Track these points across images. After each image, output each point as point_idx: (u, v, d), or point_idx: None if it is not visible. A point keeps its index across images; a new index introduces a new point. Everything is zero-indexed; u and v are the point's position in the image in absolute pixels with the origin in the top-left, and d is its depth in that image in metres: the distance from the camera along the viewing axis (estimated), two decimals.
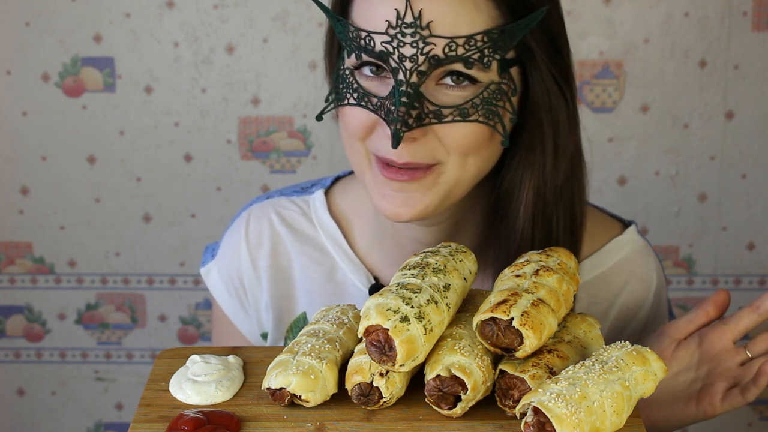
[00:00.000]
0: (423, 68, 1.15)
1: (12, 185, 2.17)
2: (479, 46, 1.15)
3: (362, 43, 1.18)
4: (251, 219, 1.44)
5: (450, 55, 1.15)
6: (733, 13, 2.06)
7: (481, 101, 1.17)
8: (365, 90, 1.20)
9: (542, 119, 1.23)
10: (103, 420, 2.29)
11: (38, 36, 2.08)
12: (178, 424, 1.04)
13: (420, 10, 1.15)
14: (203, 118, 2.13)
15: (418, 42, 1.15)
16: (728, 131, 2.12)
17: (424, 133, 1.19)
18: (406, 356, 1.05)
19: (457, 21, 1.15)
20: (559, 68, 1.23)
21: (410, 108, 1.15)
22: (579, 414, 0.99)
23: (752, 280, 2.20)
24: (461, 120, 1.17)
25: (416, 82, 1.16)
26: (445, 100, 1.17)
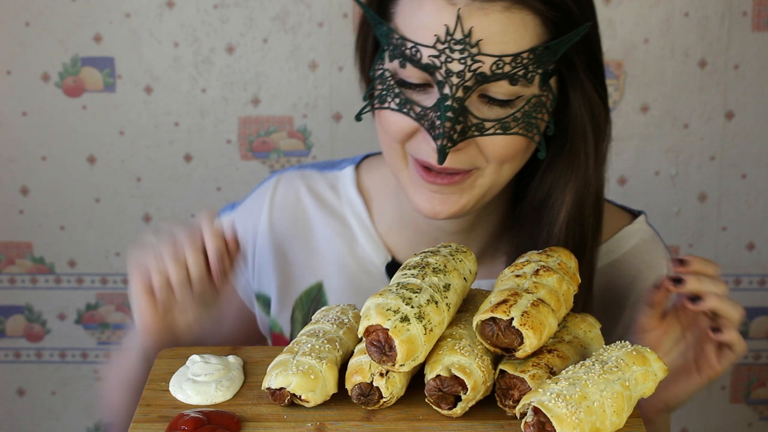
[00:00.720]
0: (469, 84, 1.17)
1: (12, 185, 2.17)
2: (524, 63, 1.17)
3: (408, 52, 1.19)
4: (280, 185, 1.46)
5: (497, 73, 1.17)
6: (733, 13, 2.06)
7: (523, 114, 1.20)
8: (407, 97, 1.21)
9: (585, 127, 1.26)
10: (103, 420, 2.29)
11: (38, 36, 2.08)
12: (178, 424, 1.04)
13: (470, 27, 1.16)
14: (203, 118, 2.13)
15: (466, 59, 1.16)
16: (728, 131, 2.12)
17: (465, 144, 1.20)
18: (406, 356, 1.05)
19: (505, 40, 1.16)
20: (597, 77, 1.26)
21: (455, 123, 1.17)
22: (579, 414, 0.99)
23: (752, 280, 2.20)
24: (502, 133, 1.19)
25: (461, 97, 1.17)
26: (487, 113, 1.19)
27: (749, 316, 2.22)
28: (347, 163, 1.47)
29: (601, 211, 1.32)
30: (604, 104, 1.28)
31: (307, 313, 1.43)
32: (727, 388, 2.26)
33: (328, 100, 2.09)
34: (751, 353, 2.24)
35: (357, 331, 1.17)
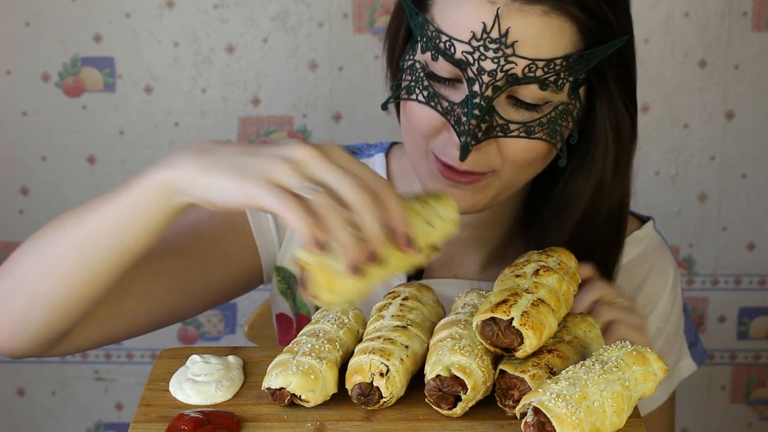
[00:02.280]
0: (499, 83, 1.17)
1: (12, 185, 2.17)
2: (557, 69, 1.17)
3: (441, 46, 1.18)
4: None
5: (528, 76, 1.17)
6: (733, 13, 2.06)
7: (548, 120, 1.20)
8: (435, 90, 1.21)
9: (608, 138, 1.26)
10: (103, 420, 2.29)
11: (38, 36, 2.08)
12: (178, 424, 1.04)
13: (508, 28, 1.15)
14: (203, 118, 2.13)
15: (499, 59, 1.16)
16: (728, 131, 2.12)
17: (487, 144, 1.20)
18: None
19: (540, 44, 1.16)
20: (628, 90, 1.26)
21: (481, 121, 1.17)
22: (579, 414, 0.99)
23: (752, 280, 2.20)
24: (526, 137, 1.19)
25: (490, 96, 1.17)
26: (513, 115, 1.19)
27: (749, 315, 2.22)
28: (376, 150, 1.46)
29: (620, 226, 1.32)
30: (632, 119, 1.28)
31: None
32: (727, 388, 2.26)
33: (328, 100, 2.09)
34: (751, 353, 2.24)
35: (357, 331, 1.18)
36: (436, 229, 1.08)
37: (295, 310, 1.44)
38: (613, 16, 1.20)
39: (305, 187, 0.97)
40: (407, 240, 0.99)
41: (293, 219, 0.96)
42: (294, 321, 1.45)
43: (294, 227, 0.96)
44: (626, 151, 1.29)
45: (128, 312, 1.25)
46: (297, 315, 1.44)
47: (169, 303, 1.29)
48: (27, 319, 1.11)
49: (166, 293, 1.28)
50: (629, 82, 1.27)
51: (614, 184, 1.29)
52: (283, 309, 1.46)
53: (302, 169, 0.98)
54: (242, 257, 1.38)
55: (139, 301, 1.25)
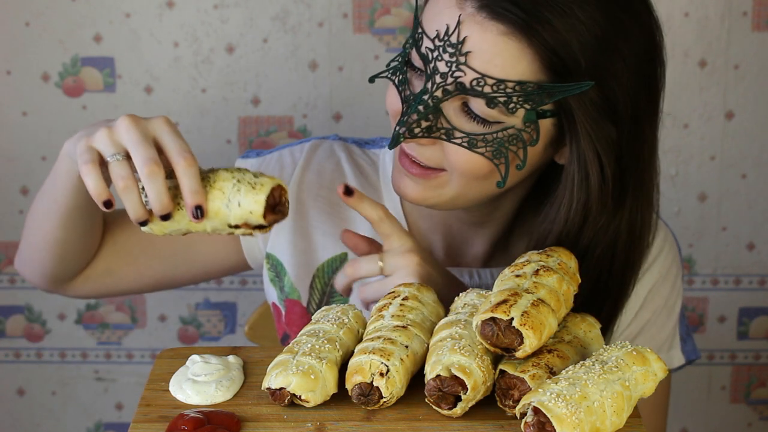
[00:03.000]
0: (449, 88, 1.17)
1: (12, 185, 2.17)
2: (508, 92, 1.16)
3: (416, 36, 1.22)
4: (320, 148, 1.46)
5: (476, 89, 1.17)
6: (733, 13, 2.06)
7: (493, 139, 1.19)
8: (407, 77, 1.23)
9: (574, 182, 1.24)
10: (103, 420, 2.29)
11: (38, 36, 2.08)
12: (178, 424, 1.04)
13: (465, 37, 1.16)
14: (203, 118, 2.13)
15: (452, 63, 1.17)
16: (728, 131, 2.12)
17: (431, 143, 1.22)
18: None
19: (493, 61, 1.16)
20: (605, 139, 1.21)
21: (423, 118, 1.18)
22: (579, 414, 0.99)
23: (752, 280, 2.20)
24: (467, 148, 1.19)
25: (439, 97, 1.18)
26: (460, 123, 1.20)
27: (749, 315, 2.22)
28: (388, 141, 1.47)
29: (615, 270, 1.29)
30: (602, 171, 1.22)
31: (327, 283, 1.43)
32: (727, 388, 2.26)
33: (328, 100, 2.09)
34: (751, 353, 2.24)
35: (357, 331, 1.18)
36: (230, 212, 1.13)
37: (282, 297, 1.45)
38: (582, 57, 1.17)
39: (112, 155, 1.11)
40: (193, 211, 1.11)
41: (88, 182, 1.12)
42: (282, 309, 1.46)
43: (88, 188, 1.12)
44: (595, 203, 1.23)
45: (121, 272, 1.45)
46: (285, 301, 1.45)
47: (155, 270, 1.45)
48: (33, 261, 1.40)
49: (151, 259, 1.44)
50: (611, 131, 1.21)
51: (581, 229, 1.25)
52: (273, 298, 1.47)
53: (114, 137, 1.12)
54: (224, 240, 1.46)
55: (129, 264, 1.44)
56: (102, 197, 1.12)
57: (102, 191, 1.12)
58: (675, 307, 1.42)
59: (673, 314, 1.43)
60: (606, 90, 1.19)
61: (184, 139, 1.15)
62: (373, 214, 1.25)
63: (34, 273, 1.41)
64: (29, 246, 1.39)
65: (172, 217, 1.13)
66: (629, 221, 1.27)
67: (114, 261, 1.44)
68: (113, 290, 1.47)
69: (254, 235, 1.16)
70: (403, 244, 1.25)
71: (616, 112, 1.21)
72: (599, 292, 1.28)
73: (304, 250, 1.42)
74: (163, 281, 1.49)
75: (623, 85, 1.20)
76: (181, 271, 1.47)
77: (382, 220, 1.25)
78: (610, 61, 1.19)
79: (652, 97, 1.25)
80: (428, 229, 1.41)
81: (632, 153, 1.24)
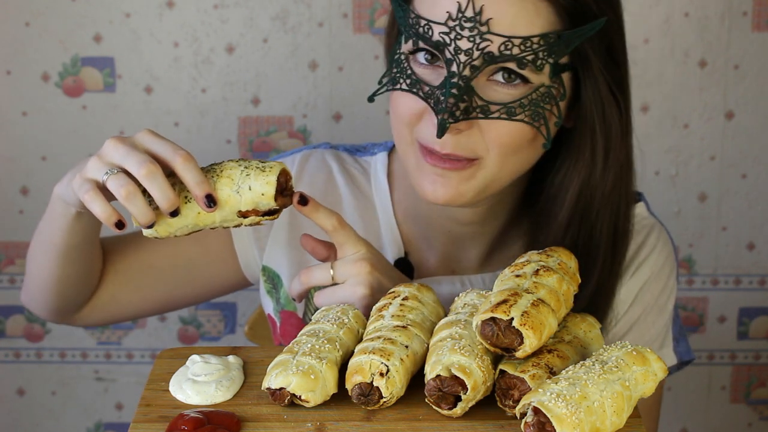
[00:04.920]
0: (477, 63, 1.18)
1: (12, 185, 2.17)
2: (534, 48, 1.17)
3: (420, 30, 1.21)
4: (312, 158, 1.46)
5: (505, 54, 1.17)
6: (733, 13, 2.06)
7: (529, 102, 1.20)
8: (418, 77, 1.23)
9: (595, 126, 1.26)
10: (103, 420, 2.29)
11: (38, 36, 2.08)
12: (178, 424, 1.04)
13: (481, 6, 1.17)
14: (203, 118, 2.13)
15: (475, 37, 1.17)
16: (728, 131, 2.12)
17: (469, 126, 1.21)
18: None
19: (515, 21, 1.17)
20: (614, 77, 1.26)
21: (459, 100, 1.18)
22: (579, 414, 0.99)
23: (752, 280, 2.20)
24: (507, 118, 1.19)
25: (468, 76, 1.18)
26: (494, 96, 1.20)
27: (749, 315, 2.22)
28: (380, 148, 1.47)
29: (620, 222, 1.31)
30: (619, 107, 1.27)
31: None
32: (727, 388, 2.26)
33: (328, 100, 2.09)
34: (751, 353, 2.24)
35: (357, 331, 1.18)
36: (241, 198, 1.14)
37: (278, 308, 1.45)
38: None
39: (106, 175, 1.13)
40: (204, 201, 1.13)
41: (95, 208, 1.13)
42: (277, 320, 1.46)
43: (96, 215, 1.13)
44: (616, 140, 1.27)
45: (126, 299, 1.44)
46: (281, 312, 1.45)
47: (159, 293, 1.46)
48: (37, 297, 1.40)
49: (154, 283, 1.45)
50: (615, 69, 1.26)
51: (604, 176, 1.28)
52: (269, 309, 1.47)
53: (104, 159, 1.14)
54: (222, 258, 1.47)
55: (133, 290, 1.44)
56: (112, 219, 1.13)
57: (111, 213, 1.13)
58: (667, 305, 1.42)
59: (665, 312, 1.42)
60: (608, 28, 1.23)
61: (172, 141, 1.16)
62: (327, 223, 1.24)
63: (39, 308, 1.42)
64: (32, 283, 1.39)
65: (180, 212, 1.14)
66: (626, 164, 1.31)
67: (118, 289, 1.44)
68: (119, 317, 1.48)
69: (262, 224, 1.16)
70: (356, 252, 1.24)
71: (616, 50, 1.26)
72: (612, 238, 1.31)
73: (299, 261, 1.42)
74: (167, 304, 1.49)
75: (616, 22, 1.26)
76: (183, 292, 1.48)
77: (336, 229, 1.24)
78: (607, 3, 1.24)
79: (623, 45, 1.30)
80: (423, 236, 1.41)
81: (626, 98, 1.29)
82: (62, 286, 1.35)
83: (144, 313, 1.49)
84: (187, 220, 1.15)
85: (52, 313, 1.42)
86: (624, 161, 1.30)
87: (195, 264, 1.45)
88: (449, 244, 1.41)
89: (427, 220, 1.40)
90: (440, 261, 1.42)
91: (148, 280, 1.45)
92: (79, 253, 1.32)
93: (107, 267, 1.43)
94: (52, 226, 1.28)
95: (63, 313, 1.42)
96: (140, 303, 1.47)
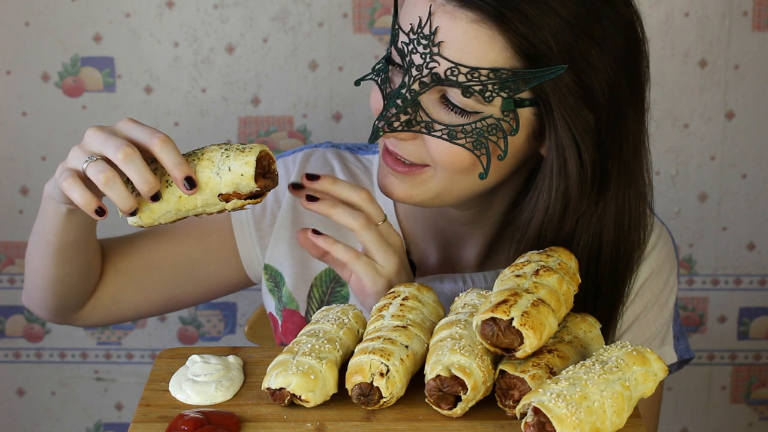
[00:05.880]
0: (425, 80, 1.18)
1: (12, 185, 2.17)
2: (482, 80, 1.17)
3: (394, 33, 1.23)
4: (313, 157, 1.47)
5: (450, 79, 1.17)
6: (733, 13, 2.06)
7: (473, 129, 1.20)
8: (389, 76, 1.24)
9: (552, 169, 1.23)
10: (102, 420, 2.29)
11: (38, 36, 2.08)
12: (178, 424, 1.04)
13: (437, 27, 1.17)
14: (203, 118, 2.13)
15: (426, 55, 1.18)
16: (728, 131, 2.12)
17: (412, 137, 1.23)
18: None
19: (466, 49, 1.17)
20: (582, 125, 1.20)
21: (402, 112, 1.19)
22: (579, 414, 0.99)
23: (752, 280, 2.20)
24: (447, 140, 1.20)
25: (417, 90, 1.19)
26: (439, 115, 1.21)
27: (749, 315, 2.22)
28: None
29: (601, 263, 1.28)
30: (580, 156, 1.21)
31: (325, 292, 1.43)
32: (727, 388, 2.26)
33: (328, 100, 2.09)
34: (751, 353, 2.24)
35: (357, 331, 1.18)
36: (221, 180, 1.12)
37: (280, 306, 1.45)
38: (554, 42, 1.17)
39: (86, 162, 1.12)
40: (183, 183, 1.11)
41: (73, 195, 1.12)
42: (279, 318, 1.46)
43: (75, 202, 1.12)
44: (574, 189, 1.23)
45: (127, 299, 1.43)
46: (283, 311, 1.45)
47: (160, 293, 1.45)
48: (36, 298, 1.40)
49: (155, 283, 1.44)
50: (587, 116, 1.21)
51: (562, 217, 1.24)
52: (270, 308, 1.47)
53: (84, 148, 1.13)
54: (224, 257, 1.46)
55: (133, 290, 1.43)
56: (91, 205, 1.12)
57: (89, 200, 1.12)
58: (668, 303, 1.42)
59: (665, 310, 1.42)
60: (581, 75, 1.19)
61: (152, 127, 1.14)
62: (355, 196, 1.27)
63: (39, 308, 1.42)
64: (31, 284, 1.39)
65: (161, 196, 1.12)
66: (615, 212, 1.26)
67: (118, 289, 1.44)
68: (120, 317, 1.47)
69: (245, 208, 1.15)
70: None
71: (593, 98, 1.20)
72: (589, 286, 1.28)
73: (301, 260, 1.42)
74: (168, 304, 1.49)
75: (599, 71, 1.20)
76: (185, 292, 1.47)
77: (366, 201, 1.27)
78: (585, 46, 1.19)
79: (635, 87, 1.25)
80: (423, 234, 1.41)
81: (614, 141, 1.23)
82: (60, 286, 1.35)
83: (145, 314, 1.49)
84: (169, 205, 1.13)
85: (52, 314, 1.41)
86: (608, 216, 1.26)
87: (196, 263, 1.45)
88: (447, 243, 1.41)
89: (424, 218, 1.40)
90: (440, 259, 1.42)
91: (149, 280, 1.45)
92: (75, 252, 1.31)
93: (108, 267, 1.43)
94: (46, 224, 1.28)
95: (63, 313, 1.42)
96: (141, 303, 1.46)
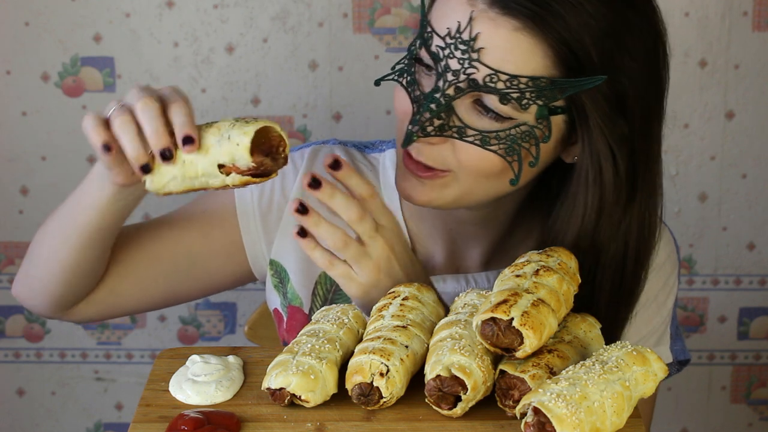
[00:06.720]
0: (462, 85, 1.17)
1: (12, 185, 2.17)
2: (521, 87, 1.16)
3: (425, 35, 1.21)
4: (321, 153, 1.46)
5: (489, 85, 1.17)
6: (733, 13, 2.06)
7: (507, 136, 1.19)
8: (417, 78, 1.23)
9: (588, 178, 1.23)
10: (102, 420, 2.29)
11: (38, 36, 2.08)
12: (178, 424, 1.04)
13: (477, 33, 1.16)
14: (203, 118, 2.13)
15: (464, 61, 1.17)
16: (728, 131, 2.12)
17: (443, 141, 1.22)
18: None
19: (506, 57, 1.16)
20: (617, 134, 1.21)
21: (435, 116, 1.18)
22: (579, 414, 0.99)
23: (752, 280, 2.20)
24: (480, 145, 1.19)
25: (451, 95, 1.18)
26: (472, 121, 1.20)
27: (749, 315, 2.22)
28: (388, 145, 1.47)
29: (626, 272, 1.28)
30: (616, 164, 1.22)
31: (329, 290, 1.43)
32: (727, 388, 2.26)
33: (328, 100, 2.09)
34: (752, 353, 2.24)
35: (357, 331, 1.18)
36: (220, 148, 1.11)
37: (285, 303, 1.45)
38: (594, 51, 1.18)
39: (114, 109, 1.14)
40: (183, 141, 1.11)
41: (89, 134, 1.14)
42: (284, 315, 1.46)
43: (89, 138, 1.14)
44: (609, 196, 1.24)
45: (126, 292, 1.42)
46: (288, 308, 1.45)
47: (159, 286, 1.43)
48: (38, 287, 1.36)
49: (156, 276, 1.42)
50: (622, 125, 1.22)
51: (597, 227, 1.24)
52: (276, 304, 1.47)
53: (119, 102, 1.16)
54: (228, 252, 1.44)
55: (134, 284, 1.41)
56: (101, 139, 1.13)
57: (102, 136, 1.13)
58: (666, 302, 1.42)
59: (664, 309, 1.42)
60: (617, 85, 1.20)
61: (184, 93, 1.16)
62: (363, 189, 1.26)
63: (38, 299, 1.38)
64: (36, 271, 1.36)
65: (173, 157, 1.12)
66: (639, 219, 1.27)
67: (118, 281, 1.41)
68: (117, 311, 1.45)
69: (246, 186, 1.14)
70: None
71: (626, 108, 1.22)
72: (615, 293, 1.28)
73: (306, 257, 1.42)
74: (168, 298, 1.47)
75: (633, 80, 1.22)
76: (185, 287, 1.46)
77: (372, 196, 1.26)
78: (620, 55, 1.20)
79: (659, 95, 1.27)
80: (429, 234, 1.41)
81: (643, 150, 1.25)
82: (71, 275, 1.33)
83: (143, 308, 1.47)
84: (175, 170, 1.13)
85: (50, 305, 1.38)
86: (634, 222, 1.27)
87: (198, 257, 1.44)
88: (452, 242, 1.41)
89: (431, 218, 1.40)
90: (445, 258, 1.42)
91: (148, 272, 1.43)
92: (104, 237, 1.29)
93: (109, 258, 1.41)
94: (83, 203, 1.26)
95: (61, 306, 1.39)
96: (140, 296, 1.44)
